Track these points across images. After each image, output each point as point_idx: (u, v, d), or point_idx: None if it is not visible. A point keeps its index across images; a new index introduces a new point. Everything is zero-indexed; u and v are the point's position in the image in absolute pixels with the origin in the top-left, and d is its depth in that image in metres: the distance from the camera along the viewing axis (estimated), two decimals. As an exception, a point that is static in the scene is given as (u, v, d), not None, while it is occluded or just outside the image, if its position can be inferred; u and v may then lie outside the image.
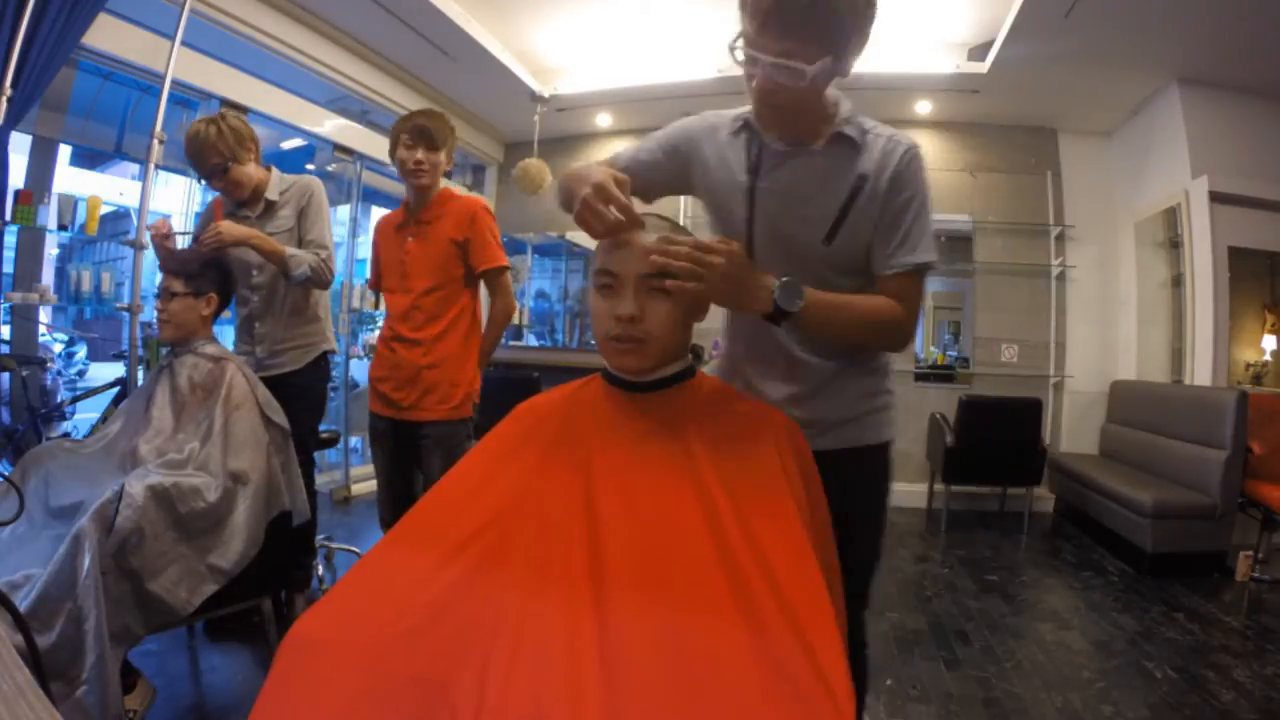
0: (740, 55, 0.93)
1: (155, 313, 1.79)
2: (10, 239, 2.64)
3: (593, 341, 1.24)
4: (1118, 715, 1.88)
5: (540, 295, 5.67)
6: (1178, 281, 3.81)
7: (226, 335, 2.10)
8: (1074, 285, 4.49)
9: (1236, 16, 3.03)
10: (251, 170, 1.97)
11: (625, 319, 0.88)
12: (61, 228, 2.59)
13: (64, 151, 3.26)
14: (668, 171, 1.15)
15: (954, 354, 4.72)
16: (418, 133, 1.96)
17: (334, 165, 3.90)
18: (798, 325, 0.95)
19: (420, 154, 1.96)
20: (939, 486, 4.17)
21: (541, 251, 5.63)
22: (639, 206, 0.95)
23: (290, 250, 1.94)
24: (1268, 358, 3.72)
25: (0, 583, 1.27)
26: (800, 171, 1.03)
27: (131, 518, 1.33)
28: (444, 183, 2.11)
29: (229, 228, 1.81)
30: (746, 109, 1.07)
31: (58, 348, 6.27)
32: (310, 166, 4.07)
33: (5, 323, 2.80)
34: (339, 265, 2.21)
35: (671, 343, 0.93)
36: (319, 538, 2.74)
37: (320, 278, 2.00)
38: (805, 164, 1.03)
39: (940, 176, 4.64)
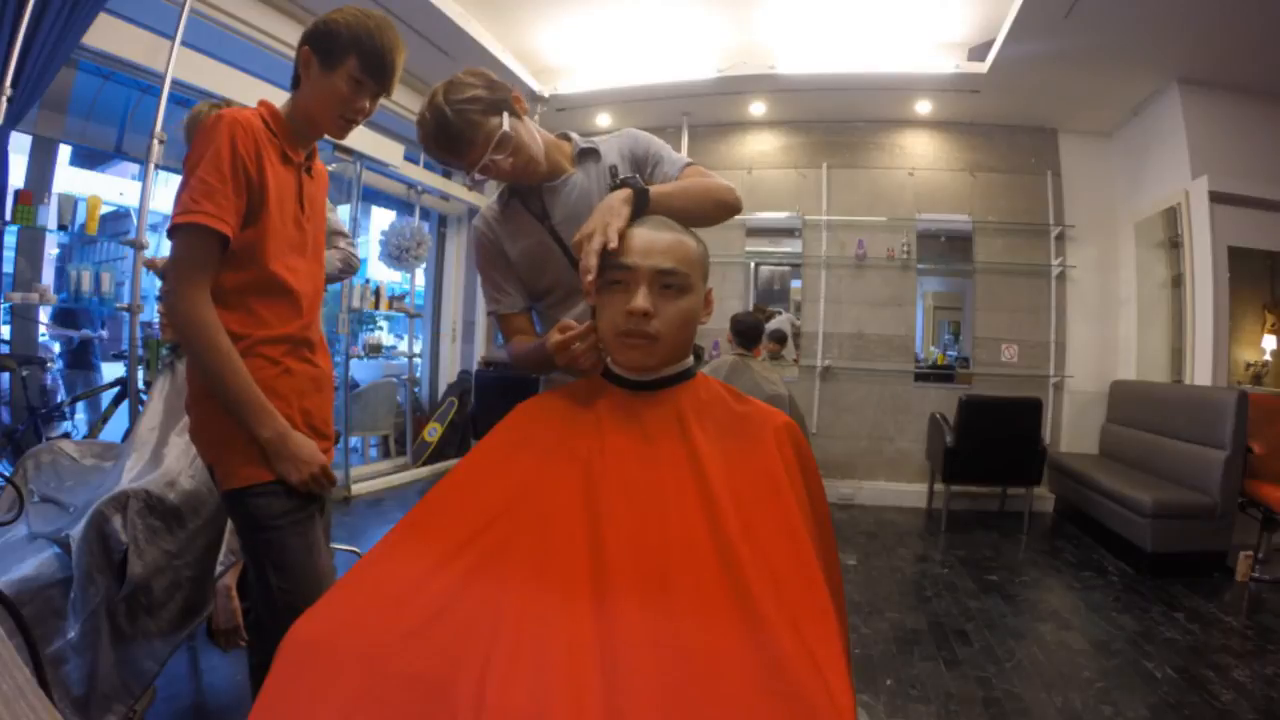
0: (477, 177, 1.17)
1: (157, 314, 1.80)
2: (10, 239, 2.64)
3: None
4: (1118, 715, 1.88)
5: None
6: (1178, 281, 3.81)
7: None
8: (1074, 285, 4.50)
9: (1236, 16, 3.03)
10: None
11: (638, 313, 0.89)
12: (61, 228, 2.59)
13: (64, 151, 3.26)
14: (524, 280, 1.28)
15: (954, 354, 4.72)
16: None
17: (334, 165, 3.90)
18: (657, 205, 1.05)
19: None
20: (939, 486, 4.17)
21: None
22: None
23: None
24: (1268, 358, 3.72)
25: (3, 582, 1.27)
26: (574, 193, 1.23)
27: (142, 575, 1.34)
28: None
29: None
30: (500, 190, 1.29)
31: (57, 348, 6.26)
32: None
33: (5, 323, 2.80)
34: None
35: (678, 341, 0.93)
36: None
37: (350, 265, 2.06)
38: (574, 186, 1.24)
39: (940, 176, 4.65)
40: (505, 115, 1.13)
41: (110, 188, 5.92)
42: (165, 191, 3.78)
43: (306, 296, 1.20)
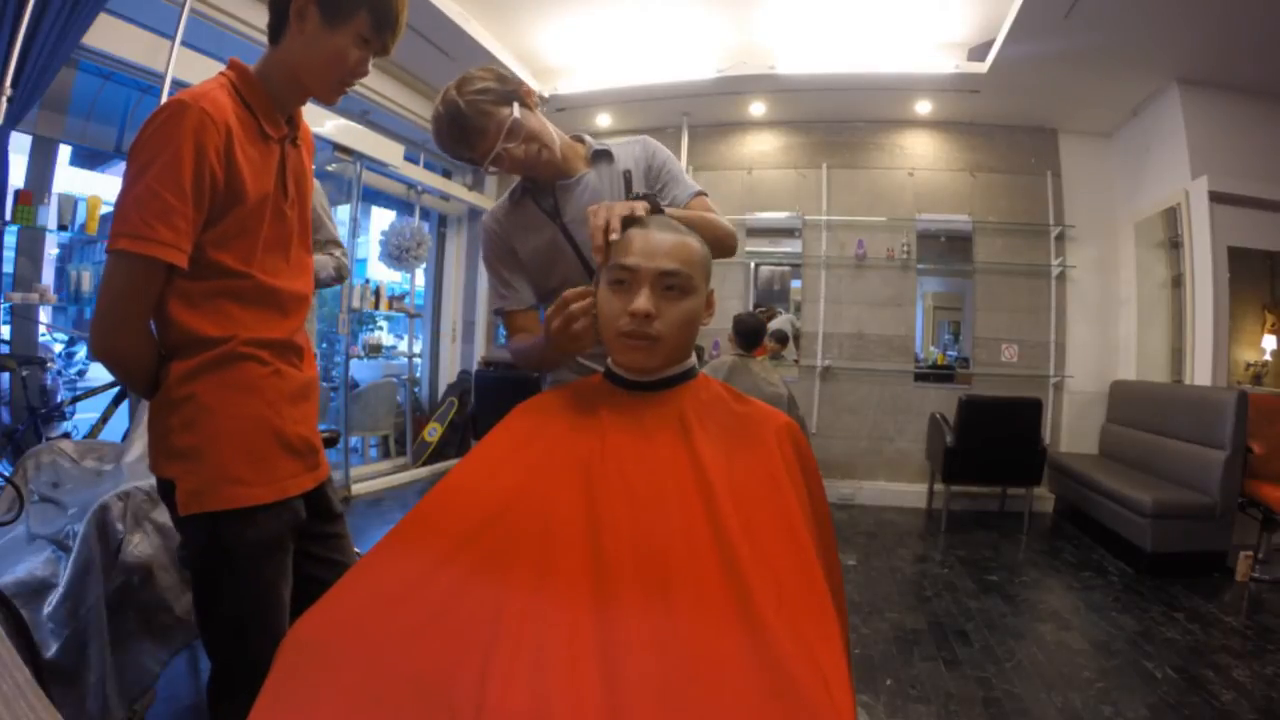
0: (491, 169, 1.19)
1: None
2: (10, 239, 2.64)
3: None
4: (1118, 715, 1.88)
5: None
6: (1178, 281, 3.81)
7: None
8: (1074, 285, 4.50)
9: (1236, 16, 3.03)
10: None
11: (640, 314, 0.89)
12: (61, 228, 2.59)
13: (64, 151, 3.25)
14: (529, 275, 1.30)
15: (954, 354, 4.72)
16: None
17: (334, 165, 3.90)
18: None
19: None
20: (939, 486, 4.17)
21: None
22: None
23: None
24: (1268, 358, 3.72)
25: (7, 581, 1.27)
26: (587, 192, 1.25)
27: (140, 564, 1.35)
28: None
29: None
30: (512, 188, 1.31)
31: (58, 348, 6.26)
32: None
33: (5, 323, 2.80)
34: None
35: (679, 342, 0.93)
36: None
37: (341, 275, 2.08)
38: (586, 185, 1.26)
39: (940, 176, 4.65)
40: (515, 105, 1.16)
41: (110, 188, 5.89)
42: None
43: (291, 298, 1.06)
